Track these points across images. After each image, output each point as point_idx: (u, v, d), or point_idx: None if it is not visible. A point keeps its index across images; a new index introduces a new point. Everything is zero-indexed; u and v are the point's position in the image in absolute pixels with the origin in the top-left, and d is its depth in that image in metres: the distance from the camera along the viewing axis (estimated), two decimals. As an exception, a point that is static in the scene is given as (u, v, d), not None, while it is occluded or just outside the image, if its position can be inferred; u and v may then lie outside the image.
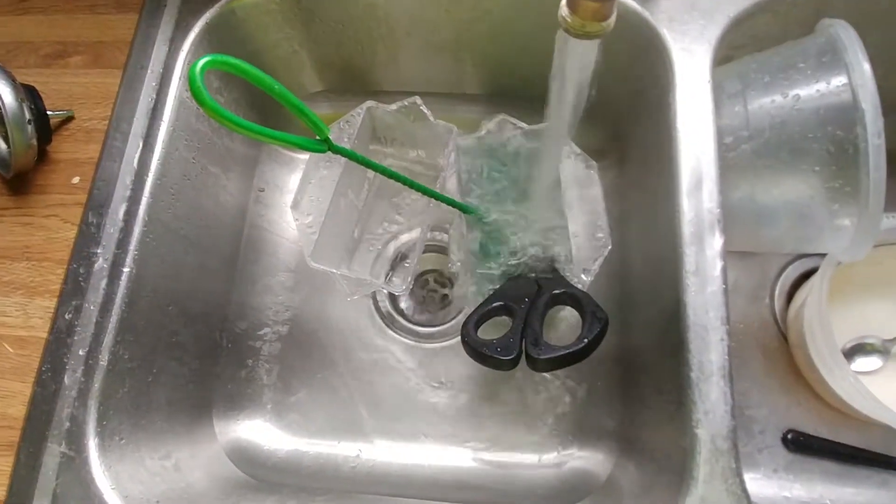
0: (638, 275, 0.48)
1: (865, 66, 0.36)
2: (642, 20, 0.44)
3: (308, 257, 0.45)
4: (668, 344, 0.39)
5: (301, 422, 0.51)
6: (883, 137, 0.35)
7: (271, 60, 0.53)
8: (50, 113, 0.44)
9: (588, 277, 0.44)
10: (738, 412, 0.49)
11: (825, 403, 0.49)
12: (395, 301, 0.56)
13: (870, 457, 0.48)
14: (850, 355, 0.50)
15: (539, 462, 0.49)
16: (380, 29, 0.51)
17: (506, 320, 0.41)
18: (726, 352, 0.36)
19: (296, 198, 0.47)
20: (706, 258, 0.38)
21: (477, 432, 0.50)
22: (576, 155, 0.47)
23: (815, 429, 0.49)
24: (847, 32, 0.38)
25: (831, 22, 0.40)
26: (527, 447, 0.49)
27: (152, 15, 0.46)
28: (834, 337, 0.43)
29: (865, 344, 0.50)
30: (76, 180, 0.43)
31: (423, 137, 0.51)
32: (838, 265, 0.44)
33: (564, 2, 0.28)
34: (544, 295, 0.41)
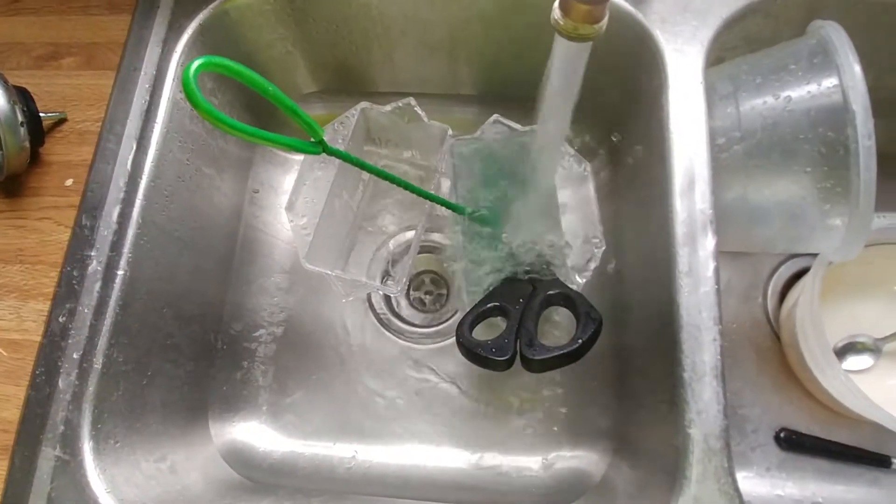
0: (631, 275, 0.49)
1: (856, 68, 0.36)
2: (635, 21, 0.44)
3: (303, 259, 0.45)
4: (661, 344, 0.39)
5: (297, 423, 0.51)
6: (873, 138, 0.35)
7: (265, 61, 0.53)
8: (42, 115, 0.44)
9: (582, 278, 0.44)
10: (731, 411, 0.50)
11: (817, 402, 0.50)
12: (390, 302, 0.56)
13: (861, 454, 0.48)
14: (841, 354, 0.50)
15: (534, 462, 0.49)
16: (374, 29, 0.51)
17: (500, 321, 0.41)
18: (719, 352, 0.36)
19: (290, 199, 0.47)
20: (699, 259, 0.38)
21: (473, 433, 0.50)
22: (569, 156, 0.48)
23: (807, 427, 0.49)
24: (838, 34, 0.38)
25: (822, 23, 0.40)
26: (522, 447, 0.50)
27: (145, 16, 0.46)
28: (826, 336, 0.43)
29: (857, 343, 0.50)
30: (69, 182, 0.43)
31: (418, 138, 0.51)
32: (830, 265, 0.45)
33: (557, 4, 0.28)
34: (539, 296, 0.41)
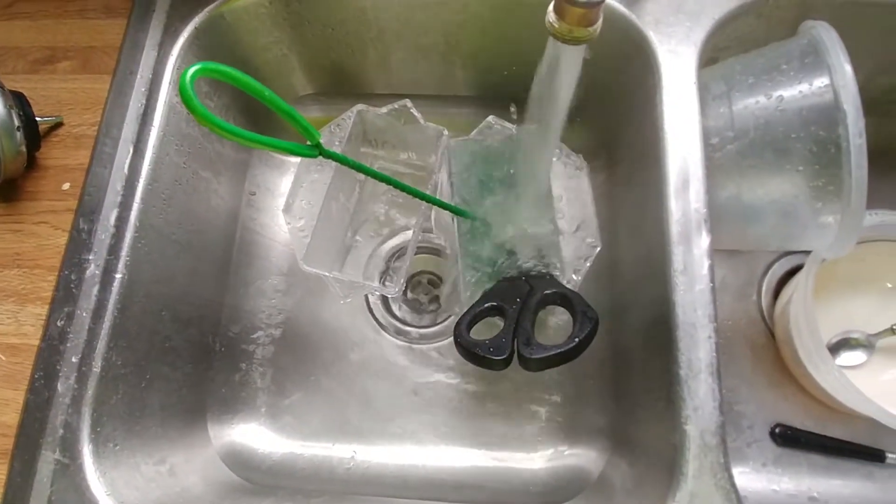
0: (628, 274, 0.49)
1: (847, 68, 0.37)
2: (629, 23, 0.44)
3: (300, 261, 0.45)
4: (657, 342, 0.39)
5: (295, 424, 0.52)
6: (864, 137, 0.36)
7: (261, 64, 0.53)
8: (39, 119, 0.44)
9: (578, 277, 0.44)
10: (727, 408, 0.50)
11: (812, 397, 0.50)
12: (388, 303, 0.56)
13: (856, 449, 0.49)
14: (835, 350, 0.51)
15: (533, 460, 0.49)
16: (369, 32, 0.51)
17: (498, 321, 0.41)
18: (714, 349, 0.37)
19: (287, 202, 0.47)
20: (694, 257, 0.38)
21: (471, 432, 0.51)
22: (565, 156, 0.48)
23: (802, 423, 0.50)
24: (829, 34, 0.39)
25: (813, 24, 0.40)
26: (521, 446, 0.50)
27: (141, 20, 0.46)
28: (819, 332, 0.44)
29: (850, 339, 0.51)
30: (66, 186, 0.43)
31: (414, 140, 0.51)
32: (823, 262, 0.45)
33: (552, 7, 0.29)
34: (535, 295, 0.41)
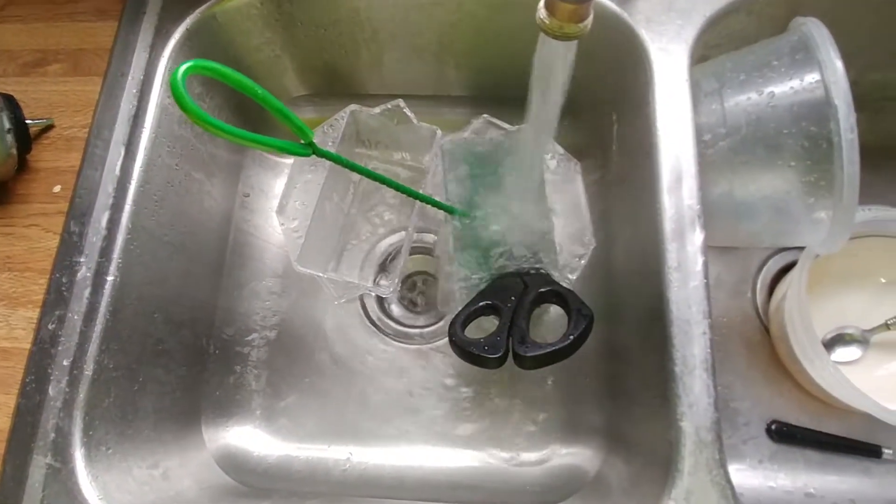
0: (622, 272, 0.49)
1: (837, 63, 0.37)
2: (621, 21, 0.44)
3: (294, 262, 0.45)
4: (652, 339, 0.39)
5: (291, 427, 0.51)
6: (856, 132, 0.36)
7: (253, 65, 0.53)
8: (29, 122, 0.44)
9: (573, 275, 0.44)
10: (723, 405, 0.50)
11: (807, 393, 0.50)
12: (383, 303, 0.56)
13: (852, 445, 0.49)
14: (829, 346, 0.51)
15: (529, 460, 0.49)
16: (362, 33, 0.51)
17: (493, 319, 0.41)
18: (709, 345, 0.37)
19: (281, 202, 0.47)
20: (687, 254, 0.38)
21: (467, 432, 0.50)
22: (559, 154, 0.48)
23: (798, 419, 0.50)
24: (819, 30, 0.39)
25: (804, 20, 0.41)
26: (517, 445, 0.50)
27: (132, 22, 0.46)
28: (814, 328, 0.44)
29: (845, 334, 0.51)
30: (57, 189, 0.43)
31: (408, 140, 0.51)
32: (816, 258, 0.45)
33: (542, 4, 0.29)
34: (530, 293, 0.41)
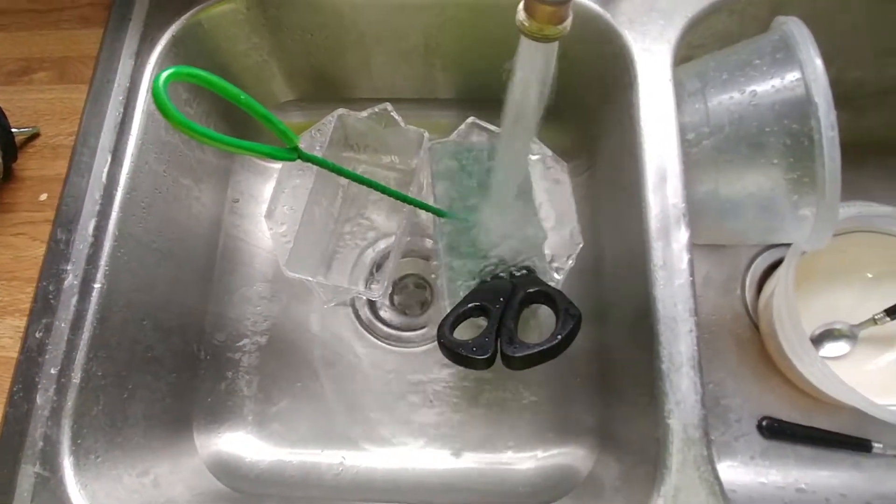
0: (610, 271, 0.49)
1: (817, 62, 0.37)
2: (604, 22, 0.45)
3: (283, 266, 0.45)
4: (640, 337, 0.39)
5: (283, 431, 0.51)
6: (836, 129, 0.36)
7: (241, 71, 0.53)
8: (15, 130, 0.44)
9: (560, 275, 0.44)
10: (714, 402, 0.51)
11: (797, 389, 0.50)
12: (374, 306, 0.56)
13: (842, 440, 0.49)
14: (819, 341, 0.51)
15: (522, 460, 0.49)
16: (348, 37, 0.51)
17: (482, 320, 0.41)
18: (695, 342, 0.37)
19: (269, 207, 0.47)
20: (673, 252, 0.39)
21: (460, 434, 0.50)
22: (546, 155, 0.48)
23: (788, 415, 0.50)
24: (799, 29, 0.39)
25: (785, 19, 0.41)
26: (510, 446, 0.50)
27: (117, 29, 0.46)
28: (802, 325, 0.44)
29: (833, 330, 0.51)
30: (44, 197, 0.43)
31: (396, 143, 0.52)
32: (803, 255, 0.46)
33: (521, 6, 0.29)
34: (518, 294, 0.41)
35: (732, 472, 0.49)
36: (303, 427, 0.51)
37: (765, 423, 0.50)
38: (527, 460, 0.49)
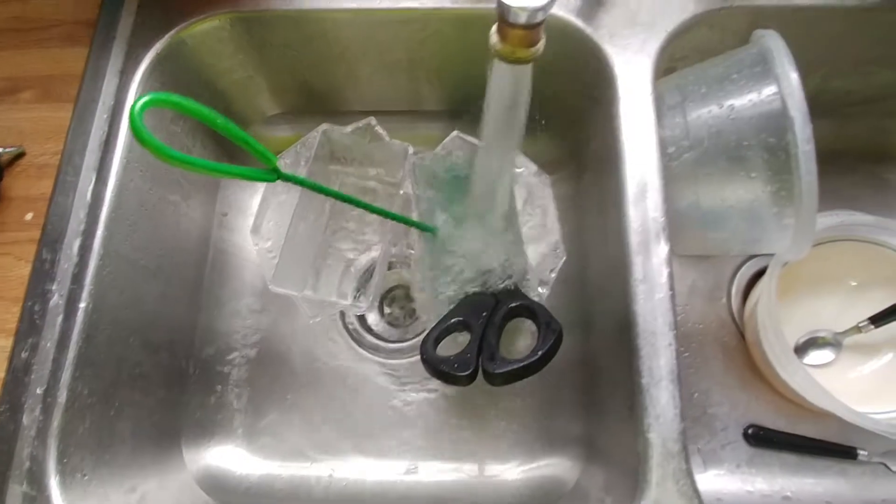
0: (593, 284, 0.49)
1: (793, 76, 0.38)
2: (585, 36, 0.45)
3: (269, 282, 0.45)
4: (621, 351, 0.40)
5: (273, 445, 0.51)
6: (812, 143, 0.37)
7: (227, 86, 0.53)
8: (0, 150, 0.44)
9: (544, 289, 0.45)
10: (701, 410, 0.51)
11: (783, 397, 0.51)
12: (363, 319, 0.56)
13: (828, 447, 0.49)
14: (803, 349, 0.51)
15: (509, 471, 0.50)
16: (332, 51, 0.51)
17: (467, 335, 0.42)
18: (674, 356, 0.37)
19: (255, 223, 0.48)
20: (653, 265, 0.39)
21: (448, 445, 0.51)
22: (529, 169, 0.48)
23: (774, 423, 0.50)
24: (776, 43, 0.40)
25: (763, 32, 0.41)
26: (497, 457, 0.50)
27: (102, 48, 0.46)
28: (784, 334, 0.45)
29: (818, 338, 0.51)
30: (29, 217, 0.43)
31: (381, 157, 0.52)
32: (786, 264, 0.46)
33: (494, 29, 0.29)
34: (501, 309, 0.41)
35: (719, 480, 0.49)
36: (292, 440, 0.52)
37: (751, 431, 0.50)
38: (513, 471, 0.50)
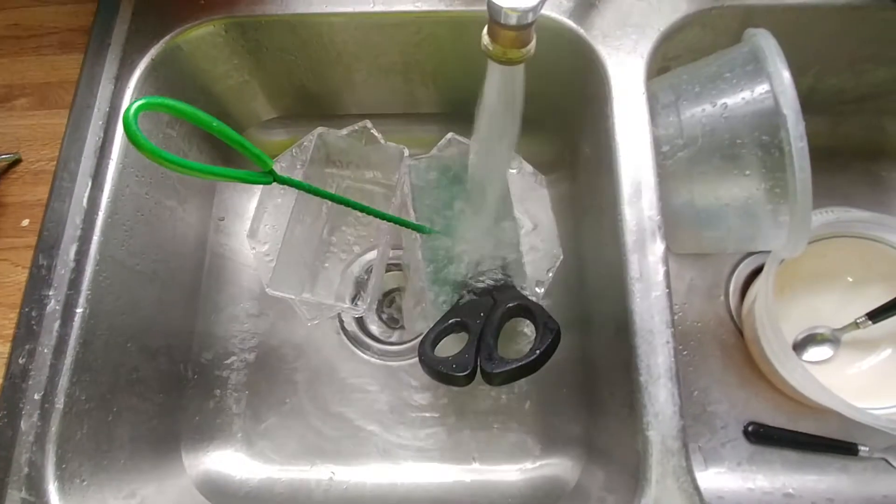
0: (591, 283, 0.50)
1: (785, 74, 0.38)
2: (578, 37, 0.45)
3: (266, 285, 0.45)
4: (619, 349, 0.40)
5: (272, 449, 0.51)
6: (805, 140, 0.37)
7: (222, 91, 0.54)
8: (-4, 157, 0.44)
9: (541, 289, 0.45)
10: (700, 408, 0.51)
11: (783, 394, 0.51)
12: (361, 321, 0.56)
13: (828, 443, 0.49)
14: (802, 346, 0.51)
15: (509, 472, 0.50)
16: (327, 55, 0.52)
17: (464, 336, 0.42)
18: (672, 354, 0.37)
19: (252, 226, 0.48)
20: (649, 264, 0.39)
21: (448, 447, 0.51)
22: (525, 169, 0.49)
23: (774, 420, 0.50)
24: (767, 41, 0.40)
25: (755, 32, 0.42)
26: (497, 458, 0.50)
27: (97, 54, 0.46)
28: (782, 331, 0.45)
29: (816, 334, 0.51)
30: (26, 223, 0.43)
31: (377, 159, 0.52)
32: (784, 261, 0.46)
33: (485, 31, 0.29)
34: (499, 309, 0.41)
35: (720, 478, 0.49)
36: (292, 443, 0.51)
37: (751, 428, 0.50)
38: (514, 472, 0.50)
